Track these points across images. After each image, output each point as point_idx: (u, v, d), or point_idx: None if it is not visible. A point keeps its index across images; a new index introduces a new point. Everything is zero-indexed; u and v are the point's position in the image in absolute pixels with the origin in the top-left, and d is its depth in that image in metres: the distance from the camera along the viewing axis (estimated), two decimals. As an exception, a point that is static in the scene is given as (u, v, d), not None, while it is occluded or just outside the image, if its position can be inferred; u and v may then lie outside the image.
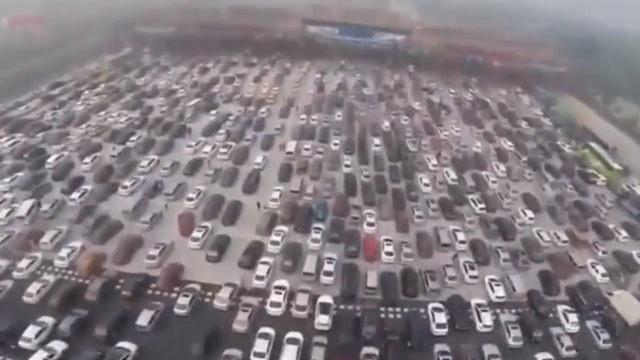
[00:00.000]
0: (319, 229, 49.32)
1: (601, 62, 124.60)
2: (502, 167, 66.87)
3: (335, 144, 66.88)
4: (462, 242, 50.12)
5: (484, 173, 65.37)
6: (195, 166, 60.02)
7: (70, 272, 41.93)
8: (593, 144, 78.39)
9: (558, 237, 52.23)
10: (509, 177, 65.48)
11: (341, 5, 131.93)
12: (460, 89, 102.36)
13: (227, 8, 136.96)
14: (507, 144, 75.21)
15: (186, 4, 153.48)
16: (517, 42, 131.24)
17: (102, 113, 74.13)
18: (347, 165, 61.60)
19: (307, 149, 64.35)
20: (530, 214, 56.32)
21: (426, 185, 60.16)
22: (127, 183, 54.69)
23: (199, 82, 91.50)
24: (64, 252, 42.76)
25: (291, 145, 64.51)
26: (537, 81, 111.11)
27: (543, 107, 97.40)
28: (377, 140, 69.16)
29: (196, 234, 47.06)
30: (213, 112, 75.09)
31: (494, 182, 63.10)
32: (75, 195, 51.37)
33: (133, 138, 65.46)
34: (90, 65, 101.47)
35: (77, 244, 44.61)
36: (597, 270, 47.79)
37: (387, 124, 75.81)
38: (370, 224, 51.19)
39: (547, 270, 47.37)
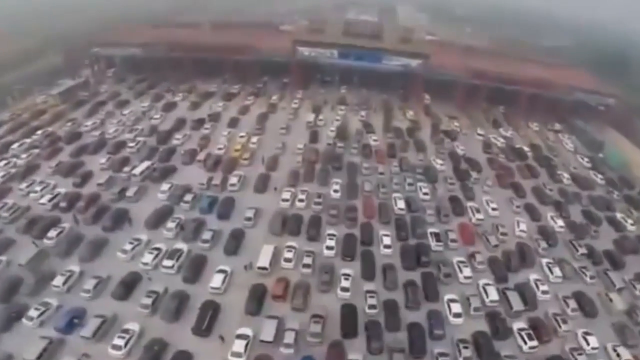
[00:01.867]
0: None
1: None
2: (557, 270, 48.25)
3: (330, 247, 47.39)
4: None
5: (532, 278, 47.07)
6: (129, 286, 41.89)
7: None
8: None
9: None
10: (564, 277, 47.68)
11: (342, 19, 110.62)
12: (486, 127, 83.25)
13: (207, 22, 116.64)
14: (556, 223, 56.71)
15: (159, 18, 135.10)
16: (552, 63, 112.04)
17: (24, 185, 55.54)
18: (344, 289, 42.57)
19: (288, 259, 45.37)
20: (593, 341, 40.28)
21: (456, 315, 41.82)
22: (33, 313, 38.35)
23: (158, 128, 72.08)
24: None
25: (265, 255, 45.31)
26: (575, 112, 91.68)
27: (590, 155, 78.21)
28: (387, 239, 49.13)
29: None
30: (166, 186, 55.72)
31: (545, 292, 45.38)
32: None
33: (52, 233, 47.07)
34: (37, 97, 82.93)
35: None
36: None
37: (400, 202, 56.00)
38: (377, 398, 33.60)
39: None
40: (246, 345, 36.70)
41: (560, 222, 56.90)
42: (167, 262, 44.24)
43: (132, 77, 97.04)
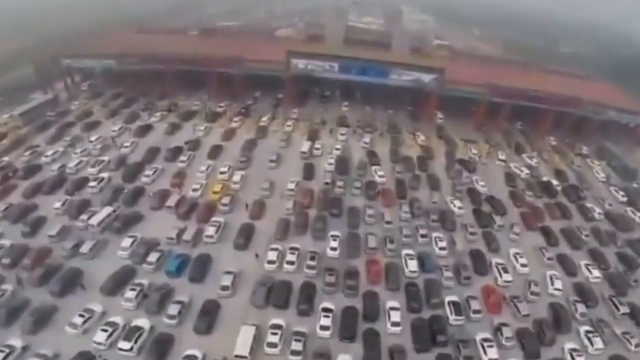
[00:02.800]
0: None
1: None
2: (597, 341, 41.71)
3: (324, 327, 40.00)
4: None
5: (567, 348, 40.97)
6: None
7: None
8: None
9: None
10: (603, 344, 41.87)
11: (343, 23, 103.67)
12: (508, 152, 76.84)
13: (194, 27, 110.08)
14: (591, 274, 50.90)
15: (152, 19, 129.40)
16: (576, 74, 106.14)
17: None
18: (342, 384, 35.70)
19: (272, 344, 38.20)
20: None
21: (482, 417, 35.03)
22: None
23: (127, 159, 64.86)
24: None
25: (244, 339, 37.92)
26: (603, 131, 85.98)
27: (624, 186, 72.09)
28: (395, 314, 41.76)
29: None
30: (128, 240, 48.16)
31: (584, 364, 39.34)
32: None
33: (-9, 298, 40.65)
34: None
35: None
36: None
37: (412, 263, 47.96)
38: None
39: None
40: None
41: (597, 273, 51.00)
42: (124, 345, 37.33)
43: (109, 91, 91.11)
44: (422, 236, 52.35)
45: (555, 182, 69.44)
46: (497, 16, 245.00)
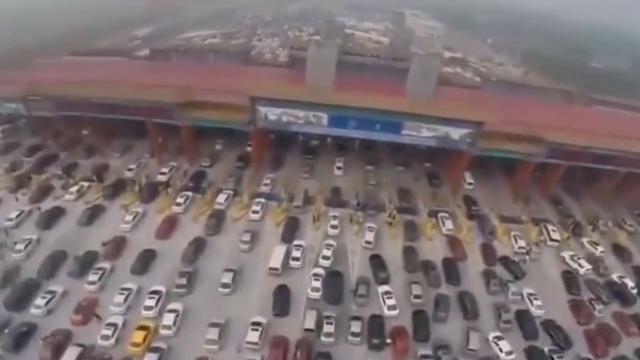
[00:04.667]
0: None
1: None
2: None
3: None
4: None
5: None
6: None
7: None
8: None
9: None
10: None
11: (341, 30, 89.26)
12: (562, 234, 63.43)
13: (146, 47, 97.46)
14: None
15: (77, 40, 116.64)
16: (629, 107, 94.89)
17: None
18: None
19: None
20: None
21: None
22: None
23: (19, 269, 49.25)
24: None
25: None
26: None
27: None
28: None
29: None
30: None
31: None
32: None
33: None
34: None
35: None
36: None
37: None
38: None
39: None
40: None
41: None
42: None
43: (27, 141, 77.42)
44: None
45: (630, 282, 56.48)
46: (505, 19, 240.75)
